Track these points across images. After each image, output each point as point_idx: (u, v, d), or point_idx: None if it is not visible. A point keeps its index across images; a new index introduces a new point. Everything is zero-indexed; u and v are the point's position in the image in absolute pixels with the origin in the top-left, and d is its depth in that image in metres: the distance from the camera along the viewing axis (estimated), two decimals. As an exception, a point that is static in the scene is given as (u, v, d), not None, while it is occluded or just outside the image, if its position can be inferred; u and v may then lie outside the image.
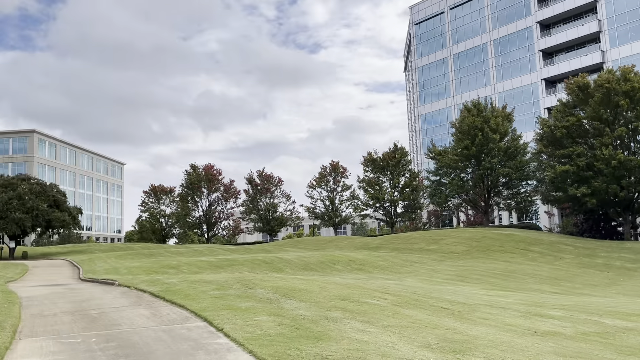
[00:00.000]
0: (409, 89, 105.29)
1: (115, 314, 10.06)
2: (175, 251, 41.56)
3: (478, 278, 26.31)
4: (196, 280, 14.85)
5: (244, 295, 11.61)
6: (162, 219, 76.65)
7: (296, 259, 30.73)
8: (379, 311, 10.47)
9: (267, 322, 8.60)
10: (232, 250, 42.31)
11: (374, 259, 31.77)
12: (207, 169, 71.85)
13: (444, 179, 48.05)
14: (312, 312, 9.79)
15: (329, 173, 64.02)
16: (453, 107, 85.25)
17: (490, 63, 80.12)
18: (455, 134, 47.07)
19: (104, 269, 27.10)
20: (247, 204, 70.01)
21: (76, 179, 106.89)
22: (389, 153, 56.43)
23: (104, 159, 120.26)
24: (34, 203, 45.45)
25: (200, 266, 27.33)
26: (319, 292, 12.41)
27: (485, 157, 44.31)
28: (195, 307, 10.08)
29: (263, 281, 14.04)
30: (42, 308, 11.34)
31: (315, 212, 64.93)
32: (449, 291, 17.62)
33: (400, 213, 56.80)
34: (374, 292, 13.37)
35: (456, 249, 35.38)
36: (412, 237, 41.08)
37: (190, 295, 11.79)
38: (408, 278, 26.35)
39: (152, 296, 12.66)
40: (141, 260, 32.35)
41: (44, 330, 8.52)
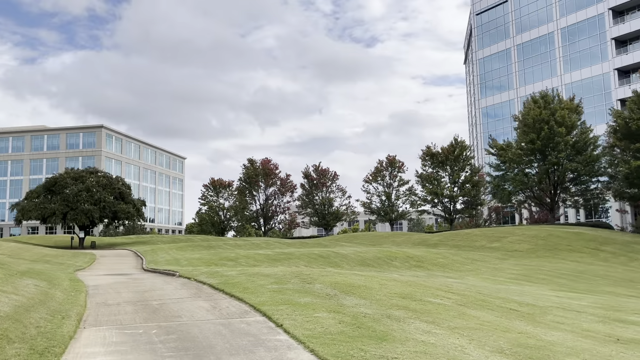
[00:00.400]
0: (469, 82, 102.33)
1: (176, 306, 10.08)
2: (234, 244, 42.22)
3: (544, 278, 25.04)
4: (254, 274, 14.81)
5: (302, 290, 11.39)
6: (220, 212, 78.28)
7: (352, 254, 30.40)
8: (444, 311, 9.96)
9: (327, 319, 8.31)
10: (288, 244, 42.51)
11: (433, 256, 30.94)
12: (264, 163, 72.67)
13: (507, 174, 46.18)
14: (373, 310, 9.43)
15: (386, 167, 63.09)
16: (516, 100, 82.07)
17: (556, 53, 76.44)
18: (519, 127, 45.06)
19: (166, 260, 27.78)
20: (303, 198, 70.27)
21: (140, 173, 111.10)
22: (448, 147, 54.90)
23: (166, 153, 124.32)
24: (101, 195, 47.43)
25: (257, 259, 27.50)
26: (379, 290, 12.02)
27: (551, 152, 42.21)
28: (254, 301, 9.95)
29: (321, 276, 13.79)
30: (106, 297, 11.57)
31: (371, 207, 64.28)
32: (515, 291, 16.76)
33: (460, 209, 55.20)
34: (437, 291, 12.83)
35: (520, 247, 33.92)
36: (473, 234, 39.78)
37: (248, 288, 11.71)
38: (469, 276, 25.44)
39: (211, 288, 12.68)
40: (201, 252, 33.00)
41: (108, 319, 8.60)
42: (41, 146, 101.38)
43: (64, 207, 45.95)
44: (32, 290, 9.97)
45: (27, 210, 46.80)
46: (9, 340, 5.72)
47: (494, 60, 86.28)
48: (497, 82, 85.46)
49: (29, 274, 12.95)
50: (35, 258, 25.97)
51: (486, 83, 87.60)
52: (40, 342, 6.01)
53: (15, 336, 6.03)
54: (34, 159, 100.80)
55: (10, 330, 6.22)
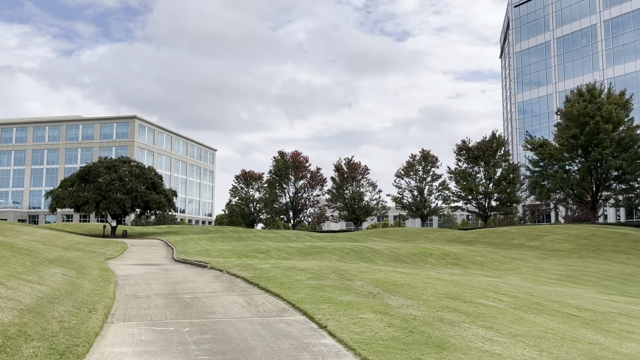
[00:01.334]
0: (505, 76, 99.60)
1: (209, 300, 9.44)
2: (264, 236, 41.78)
3: (590, 280, 23.72)
4: (289, 267, 14.13)
5: (342, 287, 10.63)
6: (250, 204, 78.22)
7: (386, 250, 29.51)
8: (499, 315, 9.06)
9: (374, 321, 7.53)
10: (318, 237, 41.84)
11: (469, 254, 29.81)
12: (294, 156, 72.14)
13: (545, 170, 44.37)
14: (422, 311, 8.60)
15: (419, 162, 61.68)
16: (554, 95, 79.42)
17: (599, 46, 73.47)
18: (563, 122, 43.11)
19: (196, 251, 27.43)
20: (333, 192, 69.49)
21: (172, 164, 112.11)
22: (485, 142, 53.17)
23: (197, 145, 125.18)
24: (133, 185, 47.62)
25: (288, 252, 26.89)
26: (424, 289, 11.18)
27: (594, 148, 40.28)
28: (292, 298, 9.23)
29: (360, 272, 13.00)
30: (136, 289, 11.04)
31: (402, 202, 63.05)
32: (566, 294, 15.66)
33: (495, 207, 53.48)
34: (486, 292, 11.90)
35: (561, 247, 32.45)
36: (510, 232, 38.36)
37: (284, 283, 11.01)
38: (509, 276, 24.30)
39: (245, 282, 12.04)
40: (231, 244, 32.61)
41: (137, 314, 8.00)
42: (76, 136, 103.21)
43: (97, 196, 46.31)
44: (59, 279, 9.47)
45: (61, 198, 47.35)
46: (27, 338, 5.12)
47: (532, 54, 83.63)
48: (535, 76, 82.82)
49: (57, 262, 12.53)
50: (67, 245, 25.93)
51: (523, 77, 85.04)
52: (62, 340, 5.39)
53: (34, 332, 5.43)
54: (69, 148, 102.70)
55: (30, 325, 5.62)
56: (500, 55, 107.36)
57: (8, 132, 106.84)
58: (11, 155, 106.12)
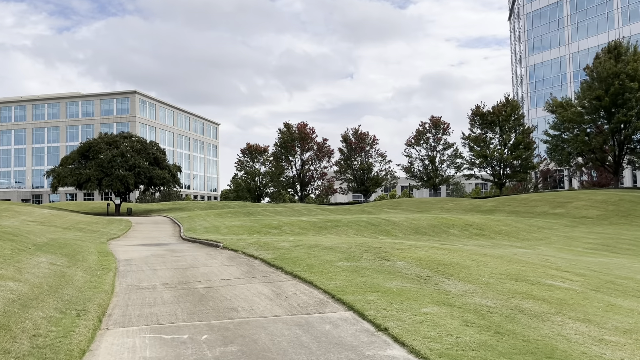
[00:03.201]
0: (515, 39, 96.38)
1: (227, 291, 7.79)
2: (273, 210, 40.24)
3: (630, 249, 22.08)
4: (312, 246, 12.48)
5: (382, 269, 8.97)
6: (256, 178, 76.63)
7: (405, 222, 27.89)
8: (583, 301, 7.39)
9: (444, 317, 5.87)
10: (330, 210, 40.26)
11: (493, 224, 28.17)
12: (301, 127, 70.08)
13: (565, 134, 42.33)
14: (493, 300, 6.93)
15: (429, 130, 59.56)
16: (567, 57, 76.60)
17: (614, 4, 70.32)
18: (586, 82, 40.79)
19: (204, 227, 25.90)
20: (341, 163, 67.63)
21: (174, 139, 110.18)
22: (498, 107, 50.97)
23: (200, 119, 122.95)
24: (136, 160, 45.93)
25: (302, 227, 25.30)
26: (478, 268, 9.51)
27: (620, 109, 38.15)
28: (329, 286, 7.57)
29: (396, 250, 11.34)
30: (140, 277, 9.41)
31: (412, 171, 61.20)
32: (621, 266, 14.01)
33: (510, 173, 51.54)
34: (547, 269, 10.23)
35: (589, 214, 30.75)
36: (532, 200, 36.64)
37: (314, 266, 9.35)
38: (541, 246, 22.69)
39: (265, 265, 10.40)
40: (240, 219, 31.06)
41: (140, 314, 6.35)
42: (76, 113, 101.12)
43: (98, 173, 44.69)
44: (43, 271, 7.81)
45: (62, 176, 45.73)
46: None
47: (544, 14, 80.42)
48: (547, 38, 79.81)
49: (47, 247, 10.88)
50: (67, 225, 24.39)
51: (534, 40, 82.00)
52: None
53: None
54: (70, 125, 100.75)
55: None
56: (508, 18, 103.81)
57: (7, 111, 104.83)
58: (11, 134, 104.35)
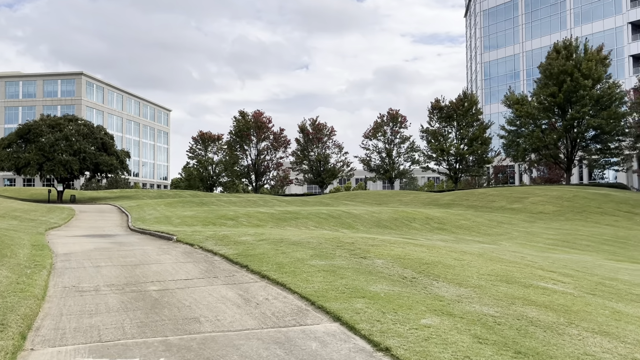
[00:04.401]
0: (470, 35, 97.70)
1: (185, 295, 6.63)
2: (228, 200, 38.77)
3: (589, 245, 22.14)
4: (278, 240, 11.40)
5: (362, 269, 8.01)
6: (209, 167, 74.55)
7: (365, 214, 27.18)
8: (586, 307, 6.67)
9: (450, 331, 4.95)
10: (287, 201, 39.19)
11: (454, 218, 27.88)
12: (257, 115, 68.52)
13: (521, 130, 42.81)
14: (493, 308, 6.09)
15: (387, 123, 59.29)
16: (521, 55, 78.20)
17: (567, 5, 72.18)
18: (540, 80, 41.37)
19: (155, 217, 24.33)
20: (298, 154, 66.59)
21: (123, 124, 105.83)
22: (457, 101, 51.16)
23: (151, 105, 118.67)
24: (81, 145, 43.29)
25: (260, 218, 24.14)
26: (463, 268, 8.71)
27: (573, 106, 38.80)
28: (306, 290, 6.53)
29: (370, 246, 10.43)
30: (80, 275, 8.07)
31: (370, 164, 60.84)
32: (590, 263, 13.68)
33: (466, 168, 51.95)
34: (533, 270, 9.57)
35: (545, 209, 30.99)
36: (489, 194, 36.77)
37: (283, 264, 8.29)
38: (503, 242, 22.47)
39: (228, 262, 9.24)
40: (193, 209, 29.54)
41: (77, 327, 5.12)
42: (16, 93, 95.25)
43: (39, 157, 41.82)
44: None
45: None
46: None
47: (499, 13, 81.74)
48: (502, 35, 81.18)
49: (-31, 239, 9.32)
50: (1, 213, 22.25)
51: (489, 37, 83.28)
52: None
53: None
54: (9, 106, 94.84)
55: None
56: (465, 14, 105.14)
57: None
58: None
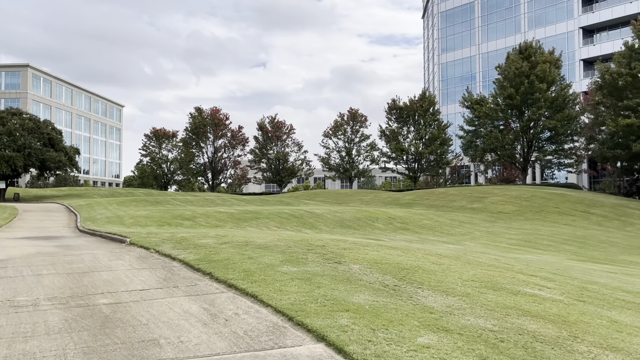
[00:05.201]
0: (428, 36, 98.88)
1: (141, 310, 5.75)
2: (184, 199, 37.39)
3: (550, 245, 22.27)
4: (243, 243, 10.58)
5: (339, 276, 7.31)
6: (164, 165, 72.39)
7: (328, 214, 26.58)
8: (581, 316, 6.20)
9: (452, 352, 4.32)
10: (246, 200, 38.16)
11: (416, 217, 27.65)
12: (214, 112, 66.92)
13: (479, 130, 43.27)
14: (489, 320, 5.52)
15: (347, 122, 58.97)
16: (477, 57, 79.64)
17: (522, 9, 73.95)
18: (499, 81, 41.92)
19: (106, 217, 22.96)
20: (256, 152, 65.41)
21: (73, 120, 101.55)
22: (415, 101, 51.32)
23: (102, 100, 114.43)
24: (26, 140, 40.87)
25: (219, 218, 23.15)
26: (444, 274, 8.15)
27: (529, 108, 39.50)
28: (281, 302, 5.78)
29: (343, 249, 9.76)
30: (17, 287, 7.02)
31: (329, 163, 60.37)
32: (560, 265, 13.49)
33: (426, 167, 52.20)
34: (513, 274, 9.12)
35: (505, 209, 31.25)
36: (449, 194, 36.88)
37: (252, 271, 7.49)
38: (467, 242, 22.31)
39: (188, 269, 8.36)
40: (147, 208, 28.20)
41: (7, 356, 4.19)
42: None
43: (-21, 153, 39.17)
44: None
45: None
46: None
47: (457, 15, 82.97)
48: (459, 37, 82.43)
49: None
50: None
51: (447, 38, 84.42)
52: None
53: None
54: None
55: None
56: (422, 15, 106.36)
57: None
58: None
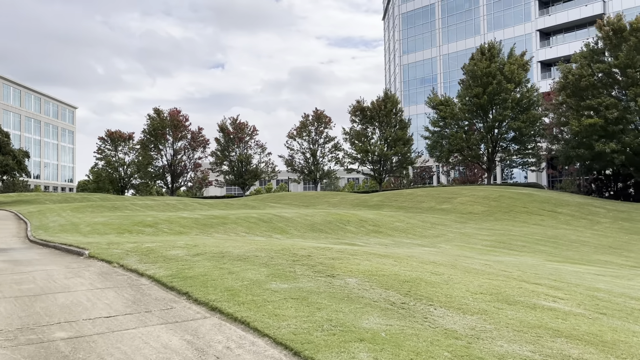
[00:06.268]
0: (389, 37, 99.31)
1: (110, 346, 4.68)
2: (143, 204, 35.66)
3: (524, 245, 22.03)
4: (218, 255, 9.53)
5: (337, 293, 6.41)
6: (120, 168, 69.76)
7: (297, 218, 25.64)
8: (614, 334, 5.54)
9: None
10: (209, 204, 36.74)
11: (387, 219, 27.05)
12: (173, 113, 64.83)
13: (446, 130, 43.25)
14: (525, 346, 4.76)
15: (312, 123, 58.14)
16: (438, 58, 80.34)
17: (481, 11, 75.03)
18: (465, 81, 42.01)
19: (60, 225, 21.31)
20: (218, 154, 63.75)
21: (22, 122, 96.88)
22: (379, 101, 51.02)
23: (54, 101, 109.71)
24: (-30, 143, 38.22)
25: (183, 224, 21.85)
26: (448, 285, 7.37)
27: (496, 108, 39.71)
28: (280, 331, 4.83)
29: (331, 259, 8.86)
30: (-48, 318, 5.80)
31: (293, 164, 59.39)
32: (547, 268, 13.02)
33: (390, 168, 51.95)
34: (517, 282, 8.44)
35: (474, 210, 31.08)
36: (417, 195, 36.56)
37: (237, 290, 6.50)
38: (441, 244, 21.79)
39: (161, 287, 7.27)
40: (105, 215, 26.54)
41: None
42: None
43: None
44: None
45: None
46: None
47: (417, 16, 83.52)
48: (420, 38, 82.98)
49: None
50: None
51: (408, 40, 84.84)
52: None
53: None
54: None
55: None
56: (383, 17, 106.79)
57: None
58: None
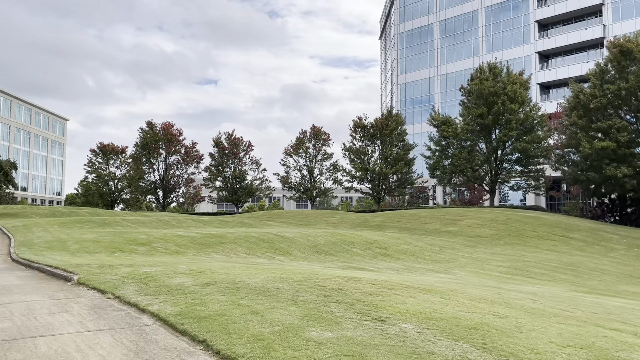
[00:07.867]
0: (386, 57, 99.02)
1: None
2: (135, 220, 34.06)
3: (542, 273, 20.71)
4: (232, 286, 8.10)
5: (398, 346, 5.02)
6: (111, 182, 67.95)
7: (300, 238, 24.21)
8: None
9: None
10: (204, 221, 35.21)
11: (394, 242, 25.69)
12: (166, 127, 63.40)
13: (449, 149, 42.17)
14: None
15: (309, 139, 56.95)
16: (436, 78, 79.89)
17: (480, 32, 74.83)
18: (469, 100, 41.09)
19: (45, 242, 19.75)
20: (212, 170, 62.25)
21: (11, 132, 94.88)
22: (381, 119, 49.99)
23: (44, 113, 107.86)
24: (-46, 153, 36.47)
25: (179, 243, 20.35)
26: (525, 335, 5.99)
27: (500, 129, 38.76)
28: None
29: (369, 295, 7.46)
30: None
31: (289, 182, 58.00)
32: (585, 302, 11.72)
33: (390, 188, 50.71)
34: (598, 329, 7.09)
35: (482, 233, 29.82)
36: (420, 216, 35.27)
37: (268, 340, 5.08)
38: (455, 270, 20.44)
39: (168, 329, 5.83)
40: (94, 231, 24.98)
41: None
42: None
43: None
44: None
45: None
46: None
47: (416, 36, 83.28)
48: (418, 58, 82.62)
49: None
50: None
51: (406, 59, 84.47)
52: None
53: None
54: None
55: None
56: (380, 36, 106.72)
57: None
58: None
